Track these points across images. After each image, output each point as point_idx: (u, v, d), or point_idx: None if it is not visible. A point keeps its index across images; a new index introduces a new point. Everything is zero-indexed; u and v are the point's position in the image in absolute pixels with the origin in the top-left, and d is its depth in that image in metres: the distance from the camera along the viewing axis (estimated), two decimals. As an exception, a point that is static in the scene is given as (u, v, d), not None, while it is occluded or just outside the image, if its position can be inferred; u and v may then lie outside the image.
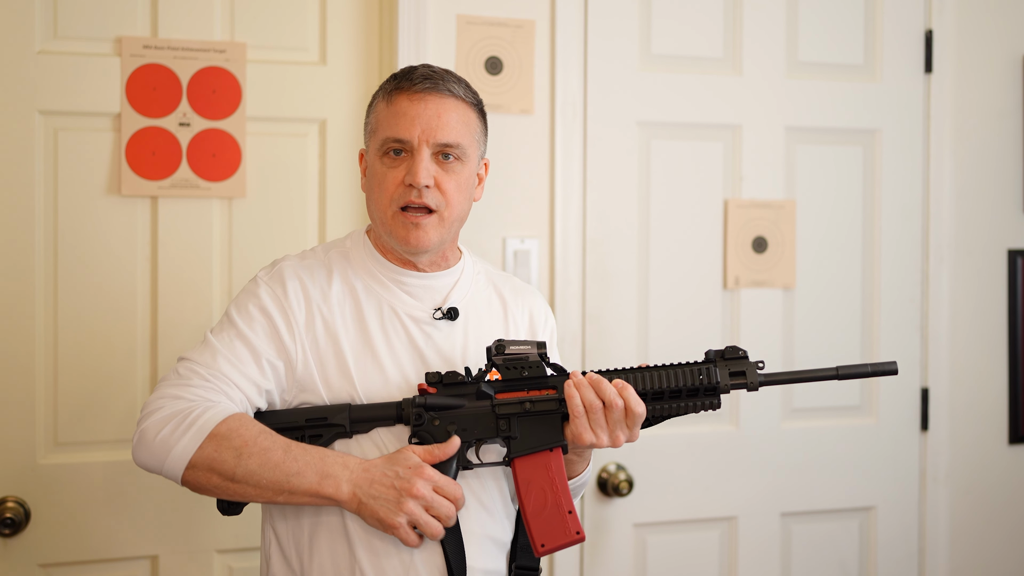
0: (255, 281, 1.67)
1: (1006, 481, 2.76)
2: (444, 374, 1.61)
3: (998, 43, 2.74)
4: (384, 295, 1.68)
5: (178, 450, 1.50)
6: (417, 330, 1.67)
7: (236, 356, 1.59)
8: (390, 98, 1.65)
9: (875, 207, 2.67)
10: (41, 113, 2.15)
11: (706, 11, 2.54)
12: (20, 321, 2.14)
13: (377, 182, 1.66)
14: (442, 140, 1.63)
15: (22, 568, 2.14)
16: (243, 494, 1.53)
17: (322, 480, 1.52)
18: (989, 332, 2.75)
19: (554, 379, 1.64)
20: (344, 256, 1.71)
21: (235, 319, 1.63)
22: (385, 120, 1.65)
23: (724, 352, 1.64)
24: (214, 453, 1.50)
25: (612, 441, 1.59)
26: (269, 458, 1.51)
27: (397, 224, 1.64)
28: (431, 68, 1.67)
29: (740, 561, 2.58)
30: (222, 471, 1.50)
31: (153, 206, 2.22)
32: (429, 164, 1.62)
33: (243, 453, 1.50)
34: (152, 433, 1.52)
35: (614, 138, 2.48)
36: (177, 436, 1.51)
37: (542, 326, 1.81)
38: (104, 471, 2.18)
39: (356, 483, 1.52)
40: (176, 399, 1.54)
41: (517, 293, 1.80)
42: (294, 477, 1.51)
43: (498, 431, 1.61)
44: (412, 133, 1.62)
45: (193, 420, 1.51)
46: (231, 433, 1.51)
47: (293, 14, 2.30)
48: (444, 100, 1.64)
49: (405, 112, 1.63)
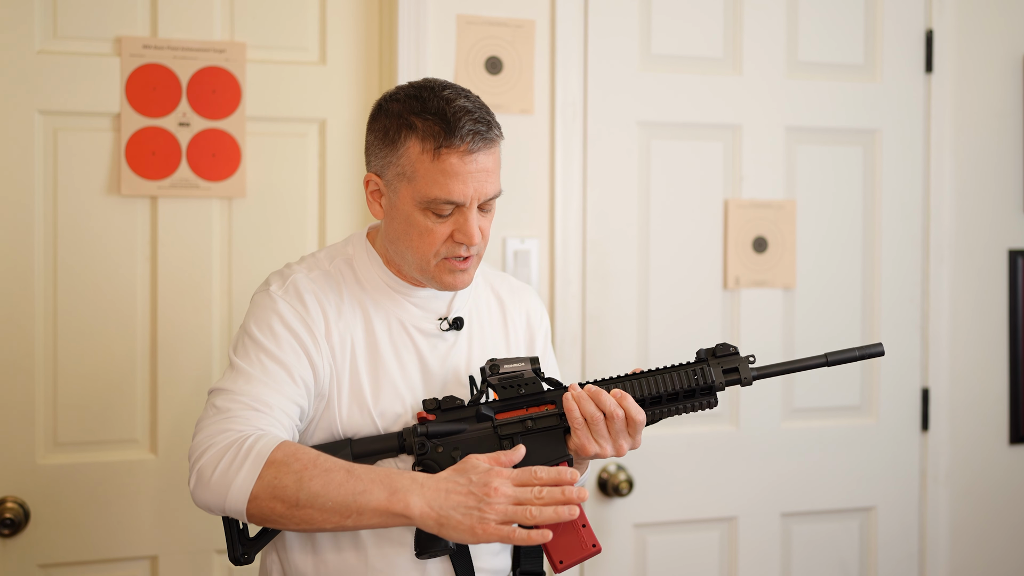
0: (270, 297, 1.61)
1: (1006, 481, 2.76)
2: (442, 400, 1.59)
3: (998, 43, 2.74)
4: (391, 308, 1.66)
5: (238, 483, 1.43)
6: (425, 343, 1.66)
7: (271, 378, 1.53)
8: (437, 155, 1.54)
9: (875, 207, 2.67)
10: (41, 113, 2.15)
11: (706, 11, 2.54)
12: (20, 321, 2.13)
13: (418, 233, 1.58)
14: (491, 195, 1.59)
15: (22, 568, 2.13)
16: (310, 520, 1.44)
17: (391, 496, 1.42)
18: (989, 332, 2.75)
19: (552, 393, 1.63)
20: (349, 266, 1.68)
21: (259, 339, 1.57)
22: (432, 178, 1.55)
23: (715, 350, 1.64)
24: (274, 480, 1.43)
25: (616, 450, 1.58)
26: (332, 479, 1.43)
27: (442, 271, 1.60)
28: (473, 115, 1.56)
29: (740, 561, 2.58)
30: (284, 497, 1.43)
31: (153, 206, 2.22)
32: (478, 219, 1.58)
33: (304, 477, 1.42)
34: (209, 471, 1.45)
35: (614, 138, 2.48)
36: (235, 469, 1.44)
37: (538, 325, 1.81)
38: (104, 471, 2.18)
39: (429, 498, 1.42)
40: (224, 432, 1.48)
41: (513, 293, 1.80)
42: (361, 496, 1.42)
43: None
44: (466, 196, 1.55)
45: (248, 449, 1.45)
46: (289, 458, 1.44)
47: (293, 14, 2.30)
48: (491, 153, 1.57)
49: (457, 173, 1.54)
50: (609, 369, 2.46)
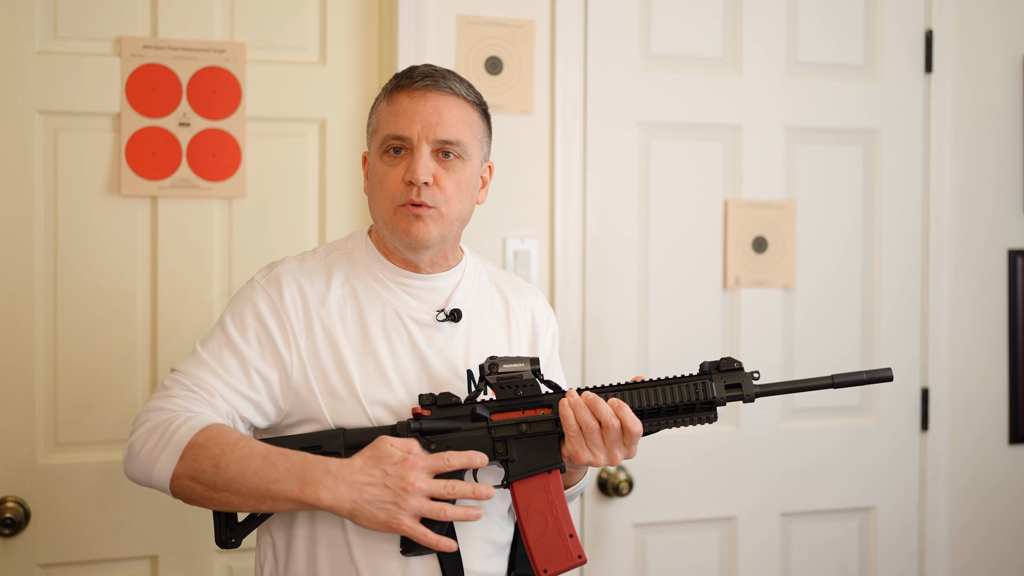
0: (251, 285, 1.66)
1: (1006, 481, 2.76)
2: (438, 396, 1.59)
3: (998, 43, 2.74)
4: (386, 297, 1.66)
5: (161, 462, 1.50)
6: (420, 333, 1.66)
7: (223, 366, 1.58)
8: (391, 97, 1.65)
9: (875, 207, 2.67)
10: (41, 113, 2.15)
11: (706, 11, 2.54)
12: (20, 321, 2.14)
13: (378, 181, 1.65)
14: (442, 137, 1.62)
15: (22, 568, 2.14)
16: (228, 503, 1.50)
17: (303, 488, 1.47)
18: (989, 332, 2.75)
19: (549, 397, 1.61)
20: (346, 257, 1.70)
21: (228, 327, 1.61)
22: (386, 118, 1.64)
23: (719, 364, 1.62)
24: (193, 463, 1.49)
25: (609, 460, 1.58)
26: (247, 465, 1.48)
27: (399, 217, 1.62)
28: (433, 67, 1.66)
29: (740, 561, 2.58)
30: (203, 480, 1.49)
31: (153, 206, 2.22)
32: (428, 161, 1.61)
33: (221, 462, 1.48)
34: (137, 447, 1.52)
35: (614, 138, 2.48)
36: (160, 449, 1.50)
37: (544, 327, 1.80)
38: (104, 471, 2.18)
39: (341, 491, 1.47)
40: (159, 411, 1.54)
41: (519, 293, 1.79)
42: (274, 484, 1.48)
43: (495, 454, 1.58)
44: (412, 130, 1.61)
45: (173, 431, 1.50)
46: (208, 442, 1.49)
47: (293, 14, 2.30)
48: (445, 97, 1.63)
49: (405, 109, 1.62)
50: (609, 369, 2.46)
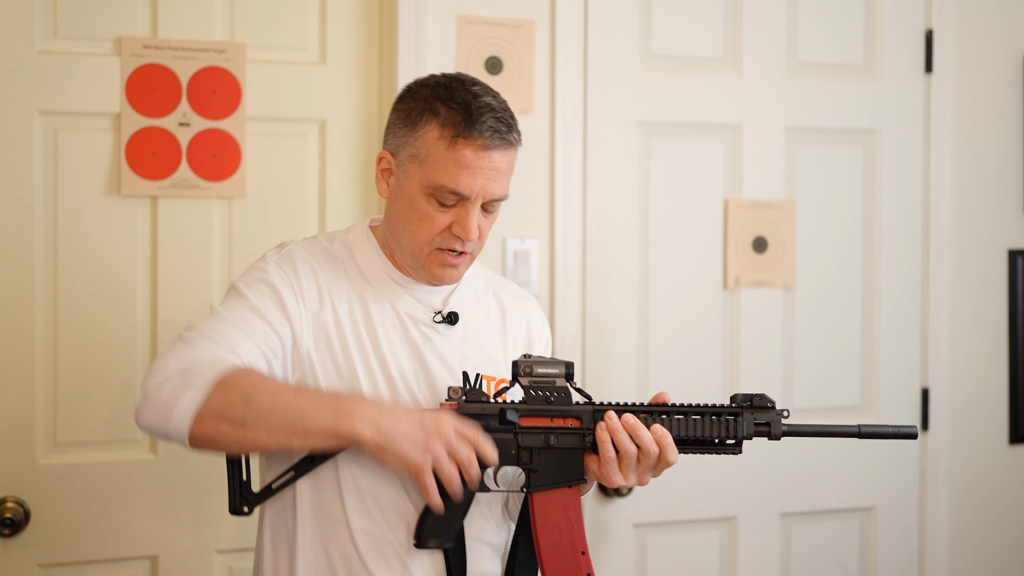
0: (264, 259, 1.64)
1: (1006, 481, 2.76)
2: (467, 390, 1.57)
3: (998, 43, 2.74)
4: (386, 294, 1.66)
5: (184, 401, 1.42)
6: (416, 331, 1.65)
7: (243, 321, 1.53)
8: (453, 143, 1.55)
9: (875, 207, 2.67)
10: (41, 113, 2.15)
11: (706, 10, 2.54)
12: (20, 321, 2.13)
13: (418, 217, 1.59)
14: (497, 196, 1.60)
15: (22, 568, 2.14)
16: (255, 440, 1.43)
17: (339, 417, 1.43)
18: (989, 332, 2.75)
19: (579, 408, 1.59)
20: (348, 249, 1.69)
21: (243, 291, 1.58)
22: (443, 165, 1.56)
23: (753, 399, 1.61)
24: (222, 400, 1.41)
25: (639, 482, 1.58)
26: (280, 400, 1.43)
27: (432, 262, 1.61)
28: (496, 113, 1.58)
29: (740, 561, 2.58)
30: (231, 417, 1.41)
31: (153, 206, 2.22)
32: (479, 216, 1.59)
33: (252, 397, 1.42)
34: (156, 390, 1.44)
35: (614, 138, 2.48)
36: (183, 389, 1.42)
37: (538, 334, 1.80)
38: (104, 471, 2.18)
39: (377, 419, 1.44)
40: (181, 359, 1.46)
41: (515, 299, 1.80)
42: (308, 416, 1.43)
43: (519, 461, 1.57)
44: (471, 190, 1.56)
45: (200, 372, 1.43)
46: (240, 380, 1.43)
47: (293, 14, 2.30)
48: (505, 154, 1.59)
49: (468, 166, 1.55)
50: (609, 369, 2.46)
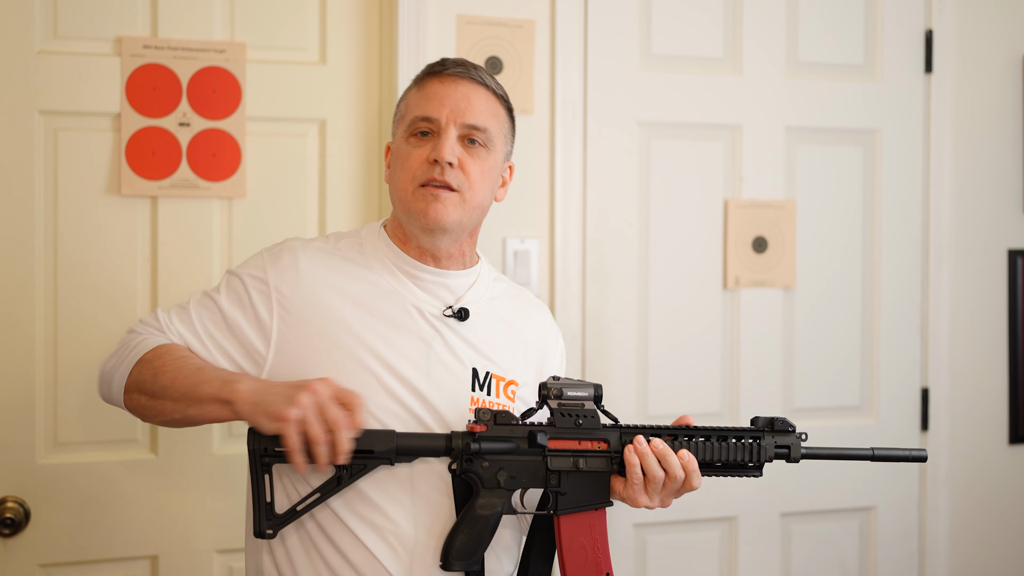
0: (259, 255, 1.71)
1: (1006, 481, 2.76)
2: (497, 413, 1.57)
3: (998, 43, 2.74)
4: (396, 287, 1.66)
5: (117, 378, 1.62)
6: (424, 322, 1.65)
7: (198, 315, 1.65)
8: (421, 83, 1.68)
9: (875, 207, 2.67)
10: (41, 113, 2.15)
11: (706, 11, 2.54)
12: (20, 321, 2.13)
13: (400, 162, 1.66)
14: (470, 121, 1.64)
15: (22, 568, 2.14)
16: (163, 409, 1.58)
17: (223, 385, 1.53)
18: (989, 332, 2.75)
19: (607, 431, 1.61)
20: (357, 245, 1.70)
21: (220, 287, 1.68)
22: (415, 102, 1.67)
23: (774, 423, 1.65)
24: (139, 375, 1.59)
25: (662, 504, 1.64)
26: (181, 372, 1.56)
27: (417, 198, 1.63)
28: (464, 60, 1.70)
29: (740, 561, 2.58)
30: (145, 389, 1.59)
31: (153, 206, 2.22)
32: (455, 143, 1.63)
33: (159, 371, 1.57)
34: (103, 369, 1.67)
35: (614, 138, 2.48)
36: (117, 366, 1.63)
37: (553, 346, 1.81)
38: (104, 471, 2.18)
39: (256, 386, 1.52)
40: (123, 342, 1.67)
41: (533, 308, 1.81)
42: (199, 385, 1.54)
43: (547, 484, 1.59)
44: (441, 112, 1.63)
45: (131, 350, 1.62)
46: (155, 357, 1.59)
47: (293, 14, 2.30)
48: (475, 86, 1.66)
49: (435, 93, 1.65)
50: (609, 369, 2.46)
